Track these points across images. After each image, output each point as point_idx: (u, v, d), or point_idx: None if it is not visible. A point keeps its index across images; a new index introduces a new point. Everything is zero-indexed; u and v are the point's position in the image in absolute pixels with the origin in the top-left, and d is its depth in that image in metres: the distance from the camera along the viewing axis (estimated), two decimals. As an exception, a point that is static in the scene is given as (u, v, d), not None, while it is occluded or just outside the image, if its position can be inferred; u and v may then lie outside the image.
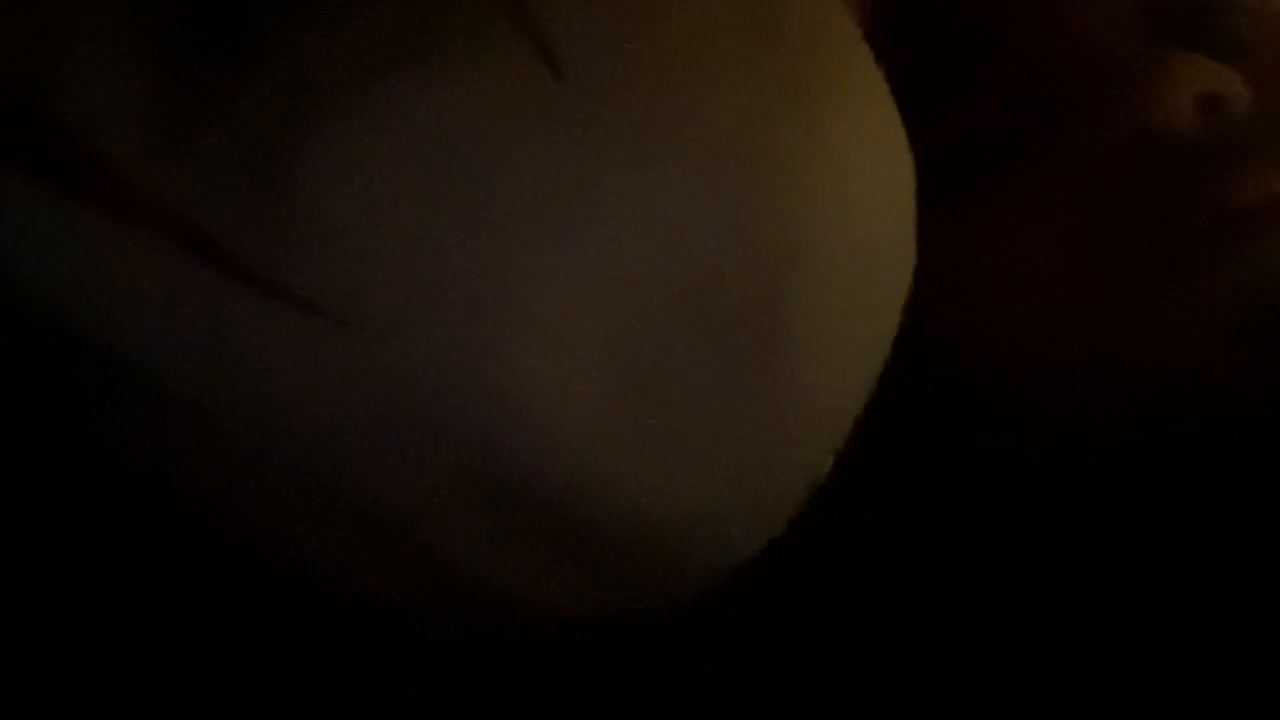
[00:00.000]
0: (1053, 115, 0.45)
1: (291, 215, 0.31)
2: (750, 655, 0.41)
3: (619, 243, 0.33)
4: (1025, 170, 0.45)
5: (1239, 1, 0.46)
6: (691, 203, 0.33)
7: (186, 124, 0.32)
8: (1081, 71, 0.45)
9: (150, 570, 0.38)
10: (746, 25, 0.35)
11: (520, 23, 0.32)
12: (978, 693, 0.41)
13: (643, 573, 0.36)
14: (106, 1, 0.32)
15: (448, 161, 0.32)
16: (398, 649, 0.40)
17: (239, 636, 0.38)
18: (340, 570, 0.36)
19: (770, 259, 0.34)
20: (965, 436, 0.46)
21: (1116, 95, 0.43)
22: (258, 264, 0.31)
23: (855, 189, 0.35)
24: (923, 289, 0.38)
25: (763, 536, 0.38)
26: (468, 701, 0.40)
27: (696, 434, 0.34)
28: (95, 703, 0.38)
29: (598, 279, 0.33)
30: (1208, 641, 0.41)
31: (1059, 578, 0.43)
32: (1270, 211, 0.42)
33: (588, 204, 0.32)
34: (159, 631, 0.38)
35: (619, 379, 0.33)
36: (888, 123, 0.37)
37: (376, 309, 0.32)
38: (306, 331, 0.32)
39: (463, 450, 0.33)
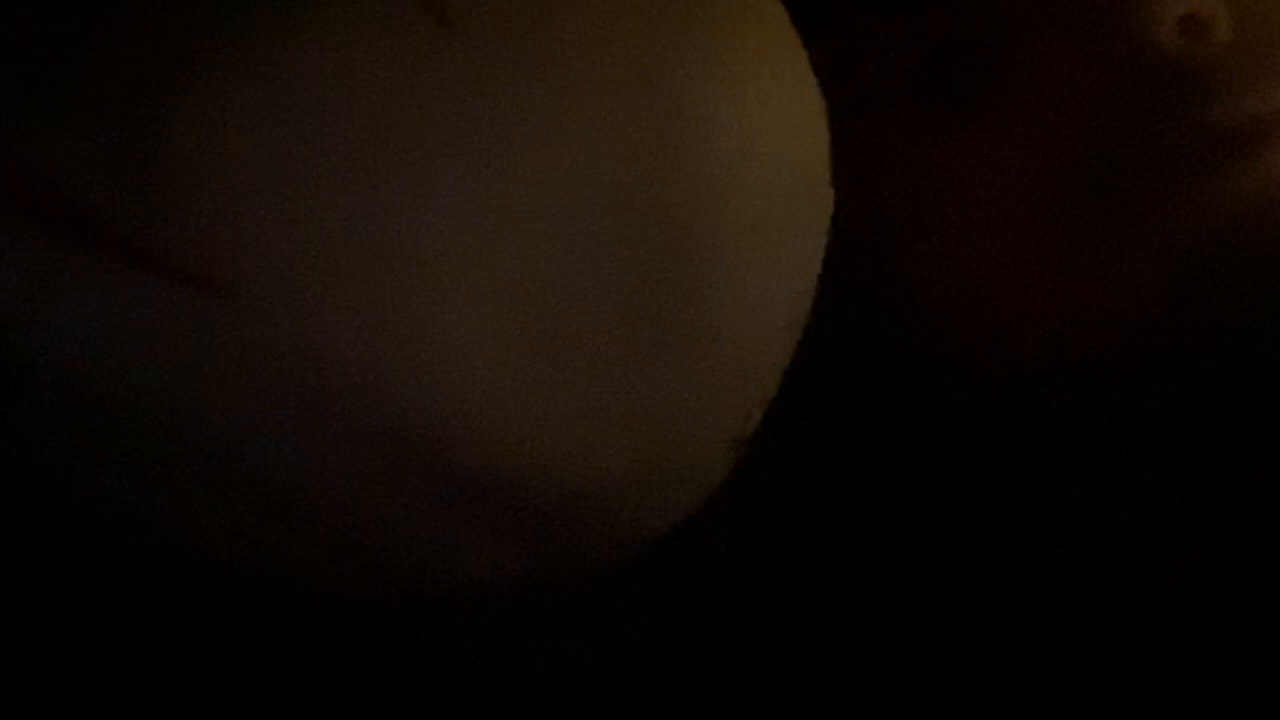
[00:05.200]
0: (1033, 30, 0.44)
1: (162, 182, 0.30)
2: (684, 619, 0.40)
3: (509, 188, 0.32)
4: (1003, 87, 0.44)
5: None
6: (586, 146, 0.32)
7: (48, 94, 0.31)
8: None
9: (66, 575, 0.37)
10: None
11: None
12: (927, 644, 0.40)
13: (568, 536, 0.35)
14: None
15: (323, 117, 0.31)
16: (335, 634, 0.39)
17: (153, 636, 0.37)
18: (255, 559, 0.35)
19: (672, 204, 0.33)
20: (925, 376, 0.45)
21: (1098, 11, 0.43)
22: (132, 236, 0.31)
23: (757, 126, 0.34)
24: (893, 216, 0.37)
25: (694, 496, 0.37)
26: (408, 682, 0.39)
27: (608, 389, 0.33)
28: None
29: (489, 227, 0.32)
30: (1167, 589, 0.40)
31: (1014, 527, 0.42)
32: (1247, 134, 0.41)
33: (474, 150, 0.32)
34: (76, 637, 0.37)
35: (520, 332, 0.32)
36: (790, 57, 0.36)
37: (256, 273, 0.31)
38: (187, 302, 0.31)
39: (365, 417, 0.32)
